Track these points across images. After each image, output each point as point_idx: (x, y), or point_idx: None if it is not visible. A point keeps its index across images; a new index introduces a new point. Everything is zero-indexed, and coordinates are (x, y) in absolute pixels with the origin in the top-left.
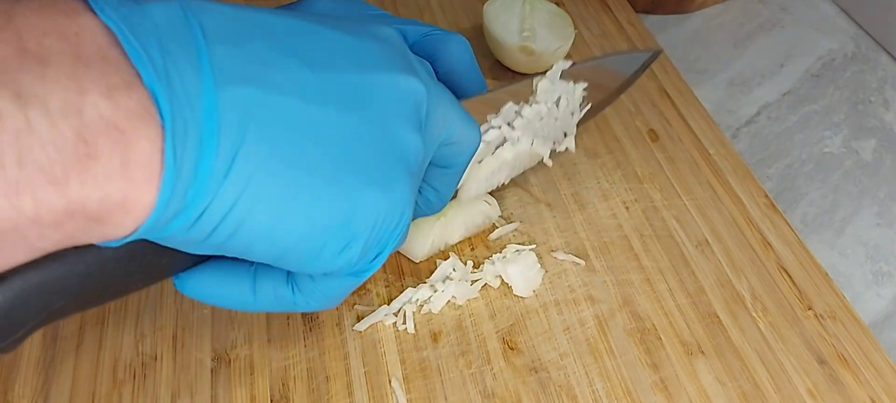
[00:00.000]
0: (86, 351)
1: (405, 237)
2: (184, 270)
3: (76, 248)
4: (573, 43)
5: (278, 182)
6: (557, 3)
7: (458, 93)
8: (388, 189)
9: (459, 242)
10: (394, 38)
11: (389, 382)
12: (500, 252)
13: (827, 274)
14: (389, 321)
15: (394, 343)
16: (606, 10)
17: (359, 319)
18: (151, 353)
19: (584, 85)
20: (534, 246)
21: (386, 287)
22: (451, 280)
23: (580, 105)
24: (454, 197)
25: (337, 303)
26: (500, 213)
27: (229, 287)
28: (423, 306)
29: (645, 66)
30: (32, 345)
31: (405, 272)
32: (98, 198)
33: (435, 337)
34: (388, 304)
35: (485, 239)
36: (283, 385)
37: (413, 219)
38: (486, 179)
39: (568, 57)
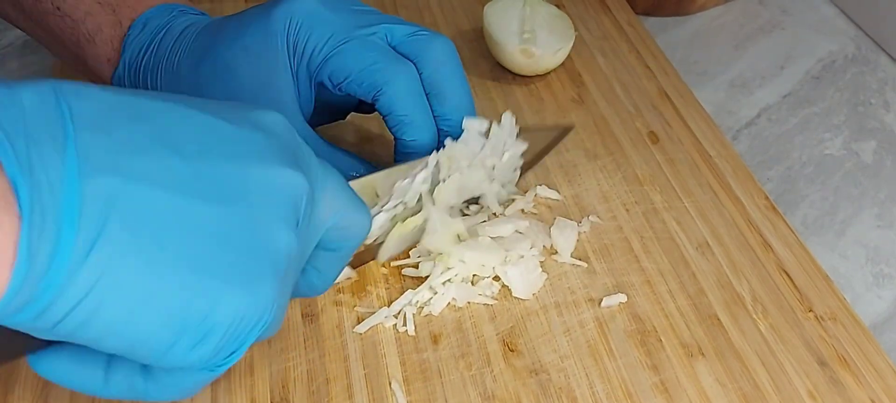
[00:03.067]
0: None
1: (277, 326)
2: (40, 349)
3: None
4: (573, 45)
5: (135, 275)
6: (558, 5)
7: (443, 98)
8: (250, 287)
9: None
10: (281, 127)
11: (389, 384)
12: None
13: (827, 276)
14: (389, 323)
15: (394, 345)
16: (607, 12)
17: (359, 321)
18: None
19: (526, 144)
20: (537, 249)
21: (386, 289)
22: (452, 282)
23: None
24: (365, 261)
25: (192, 395)
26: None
27: (82, 372)
28: (423, 308)
29: (555, 140)
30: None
31: (405, 275)
32: None
33: (435, 339)
34: (389, 306)
35: None
36: (282, 387)
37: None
38: (403, 240)
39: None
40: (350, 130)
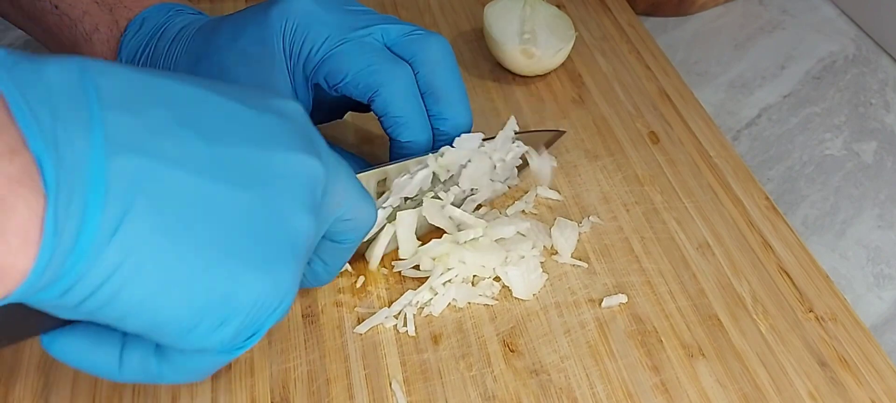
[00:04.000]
0: None
1: (285, 315)
2: (53, 329)
3: None
4: (574, 45)
5: (159, 255)
6: (558, 6)
7: (438, 98)
8: (271, 271)
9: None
10: (298, 114)
11: (390, 384)
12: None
13: (828, 277)
14: (390, 323)
15: (394, 346)
16: (607, 13)
17: (359, 321)
18: None
19: (526, 148)
20: (538, 250)
21: (386, 289)
22: (452, 283)
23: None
24: (361, 258)
25: (204, 378)
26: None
27: (96, 354)
28: (423, 308)
29: (548, 144)
30: (33, 348)
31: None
32: None
33: (435, 340)
34: (389, 307)
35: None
36: (283, 387)
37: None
38: (393, 239)
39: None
40: (350, 130)
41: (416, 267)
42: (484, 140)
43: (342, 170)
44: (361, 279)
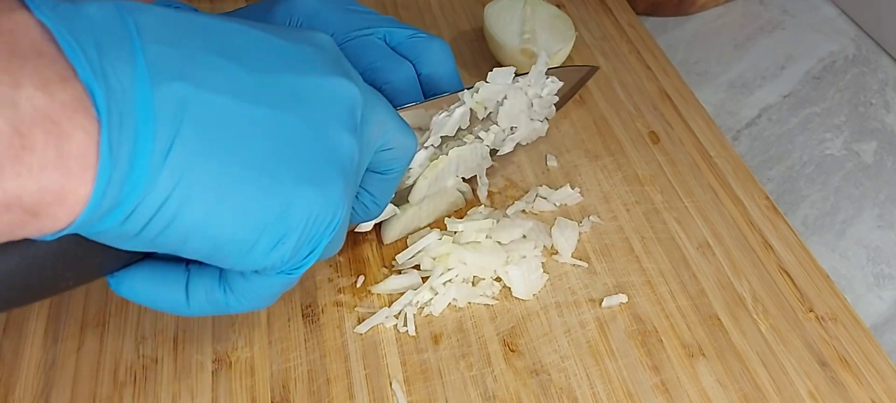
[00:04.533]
0: (86, 354)
1: (341, 236)
2: (118, 270)
3: (7, 244)
4: (574, 45)
5: (212, 176)
6: (558, 6)
7: (438, 93)
8: (321, 186)
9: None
10: (329, 44)
11: (390, 384)
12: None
13: (828, 277)
14: (390, 323)
15: (394, 346)
16: (607, 13)
17: (360, 321)
18: (152, 356)
19: (561, 83)
20: (539, 250)
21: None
22: (452, 283)
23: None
24: (404, 200)
25: (269, 303)
26: (468, 196)
27: (163, 288)
28: (423, 308)
29: (582, 81)
30: (33, 348)
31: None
32: (34, 191)
33: (436, 340)
34: (389, 306)
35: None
36: (283, 387)
37: (351, 224)
38: (435, 180)
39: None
40: None
41: (417, 268)
42: (517, 76)
43: (378, 99)
44: (362, 279)
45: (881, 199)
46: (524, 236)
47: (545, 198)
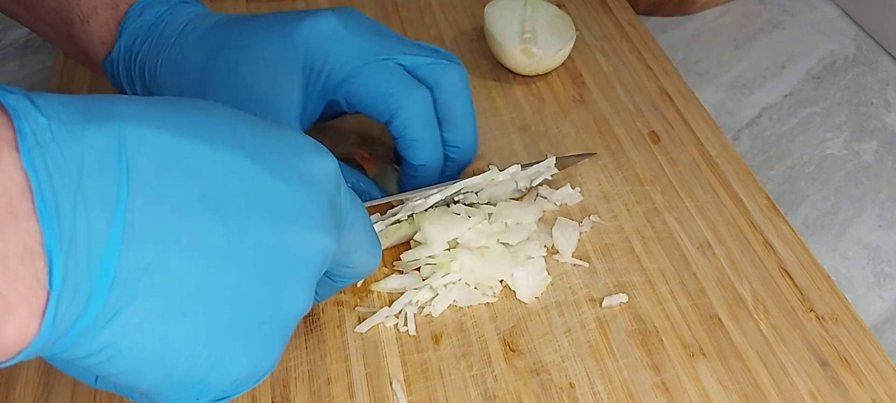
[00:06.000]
0: None
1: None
2: None
3: None
4: (574, 44)
5: (150, 340)
6: (559, 5)
7: (454, 125)
8: (259, 355)
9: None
10: (328, 171)
11: (390, 384)
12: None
13: (828, 276)
14: (390, 323)
15: (395, 345)
16: (607, 12)
17: (360, 321)
18: None
19: (554, 170)
20: (544, 252)
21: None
22: (454, 284)
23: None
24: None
25: None
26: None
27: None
28: (423, 308)
29: (574, 161)
30: None
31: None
32: None
33: (436, 339)
34: (389, 306)
35: None
36: (284, 386)
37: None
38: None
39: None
40: (351, 126)
41: (418, 270)
42: (507, 168)
43: (358, 219)
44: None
45: (882, 199)
46: (529, 238)
47: (545, 198)
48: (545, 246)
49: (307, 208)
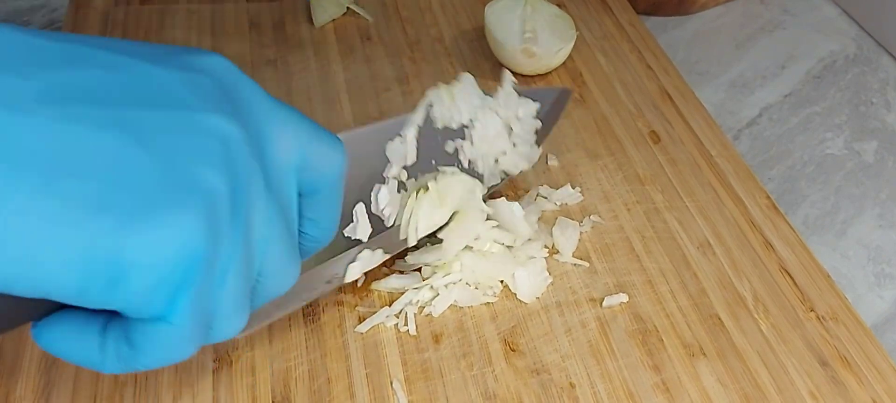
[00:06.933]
0: None
1: (274, 288)
2: (41, 317)
3: None
4: (574, 44)
5: (21, 214)
6: (559, 5)
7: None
8: (164, 222)
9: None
10: (219, 67)
11: (391, 383)
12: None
13: (829, 276)
14: (391, 322)
15: (395, 345)
16: (608, 12)
17: (360, 320)
18: None
19: (537, 103)
20: (545, 252)
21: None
22: (455, 285)
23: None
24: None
25: (178, 357)
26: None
27: (78, 342)
28: (424, 308)
29: (558, 104)
30: (34, 347)
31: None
32: None
33: (436, 339)
34: (390, 306)
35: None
36: (284, 386)
37: (304, 258)
38: (426, 218)
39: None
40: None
41: (419, 270)
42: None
43: (286, 116)
44: (362, 277)
45: (882, 199)
46: (530, 239)
47: (546, 198)
48: (546, 246)
49: (187, 92)
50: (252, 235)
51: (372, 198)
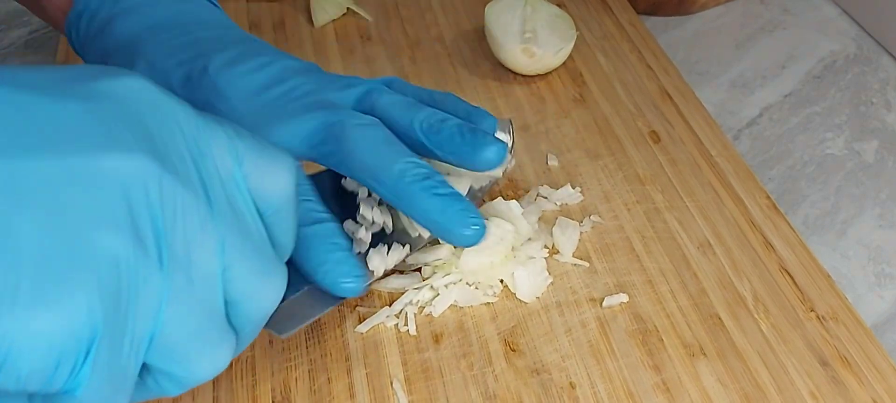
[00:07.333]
0: None
1: (137, 345)
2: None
3: None
4: (575, 44)
5: None
6: (559, 5)
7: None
8: (44, 306)
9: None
10: (133, 90)
11: (391, 383)
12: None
13: (829, 276)
14: (391, 322)
15: (395, 345)
16: (608, 12)
17: (360, 320)
18: None
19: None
20: (545, 252)
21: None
22: (455, 285)
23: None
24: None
25: None
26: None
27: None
28: (424, 308)
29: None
30: None
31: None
32: None
33: (436, 339)
34: (390, 306)
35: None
36: (284, 386)
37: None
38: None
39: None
40: None
41: (418, 270)
42: None
43: (217, 133)
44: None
45: (882, 199)
46: (530, 239)
47: (546, 198)
48: (546, 246)
49: (90, 129)
50: (200, 270)
51: (363, 261)
